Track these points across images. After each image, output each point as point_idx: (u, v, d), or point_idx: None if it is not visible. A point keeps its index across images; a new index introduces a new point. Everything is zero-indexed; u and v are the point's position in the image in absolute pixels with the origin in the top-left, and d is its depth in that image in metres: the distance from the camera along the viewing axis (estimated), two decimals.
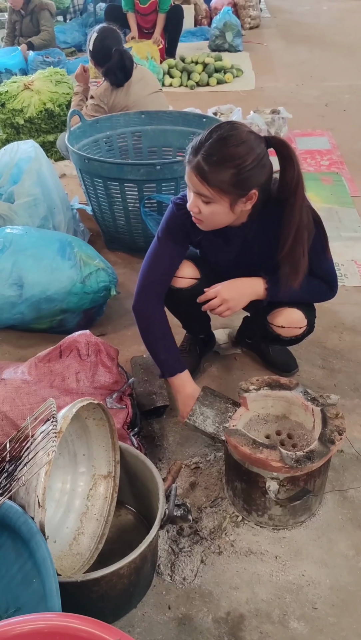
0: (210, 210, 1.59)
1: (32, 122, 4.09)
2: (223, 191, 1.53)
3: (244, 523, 1.63)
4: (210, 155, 1.50)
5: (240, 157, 1.50)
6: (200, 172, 1.52)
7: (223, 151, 1.49)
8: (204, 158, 1.50)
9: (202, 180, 1.52)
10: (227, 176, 1.51)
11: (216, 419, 1.70)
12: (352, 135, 4.51)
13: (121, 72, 3.26)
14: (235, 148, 1.50)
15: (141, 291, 1.81)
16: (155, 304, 1.82)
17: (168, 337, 1.83)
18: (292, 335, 1.86)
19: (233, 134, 1.51)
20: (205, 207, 1.59)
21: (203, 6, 8.21)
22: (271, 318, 1.85)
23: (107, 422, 1.48)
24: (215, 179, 1.51)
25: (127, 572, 1.31)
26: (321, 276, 1.80)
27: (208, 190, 1.53)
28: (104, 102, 3.32)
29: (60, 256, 2.29)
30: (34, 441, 1.27)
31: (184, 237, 1.80)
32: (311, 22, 9.00)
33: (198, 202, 1.59)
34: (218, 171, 1.50)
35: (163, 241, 1.80)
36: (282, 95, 5.54)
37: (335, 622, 1.40)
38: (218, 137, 1.51)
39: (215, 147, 1.50)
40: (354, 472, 1.76)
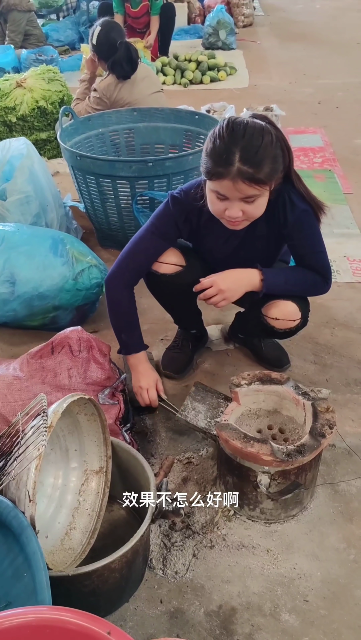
0: (256, 205, 1.60)
1: (24, 120, 4.08)
2: (268, 182, 1.55)
3: (236, 517, 1.63)
4: (248, 158, 1.49)
5: (270, 144, 1.53)
6: (246, 176, 1.50)
7: (259, 147, 1.50)
8: (245, 162, 1.49)
9: (250, 183, 1.52)
10: (269, 167, 1.52)
11: (208, 414, 1.70)
12: (345, 132, 4.52)
13: (128, 64, 3.28)
14: (264, 139, 1.51)
15: (116, 273, 1.87)
16: (126, 288, 1.87)
17: (132, 320, 1.90)
18: (286, 327, 1.86)
19: (252, 127, 1.52)
20: (250, 206, 1.59)
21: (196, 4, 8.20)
22: (266, 310, 1.85)
23: (99, 418, 1.48)
24: (262, 175, 1.52)
25: (119, 566, 1.31)
26: (316, 269, 1.81)
27: (257, 188, 1.54)
28: (107, 96, 3.32)
29: (52, 253, 2.29)
30: (25, 436, 1.27)
31: (172, 233, 1.82)
32: (305, 20, 9.01)
33: (242, 206, 1.59)
34: (262, 167, 1.51)
35: (150, 234, 1.82)
36: (275, 93, 5.55)
37: (326, 614, 1.40)
38: (244, 137, 1.50)
39: (250, 148, 1.49)
40: (345, 466, 1.77)
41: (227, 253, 1.84)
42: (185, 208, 1.78)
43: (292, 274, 1.84)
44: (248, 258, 1.81)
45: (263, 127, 1.54)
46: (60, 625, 0.94)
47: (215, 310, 2.42)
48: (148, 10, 6.03)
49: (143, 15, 6.10)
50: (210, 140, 1.57)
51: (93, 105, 3.36)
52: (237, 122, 1.54)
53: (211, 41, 7.17)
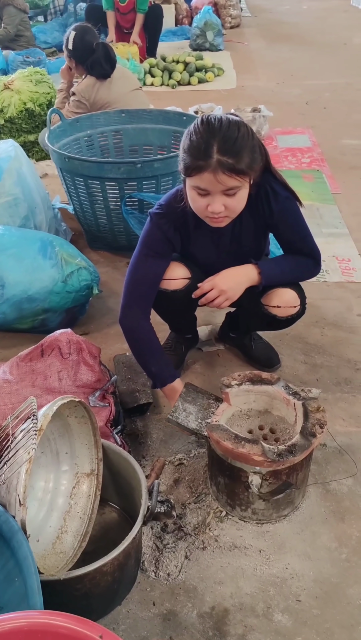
0: (237, 199, 1.60)
1: (12, 122, 4.07)
2: (248, 172, 1.55)
3: (228, 518, 1.63)
4: (227, 148, 1.49)
5: (247, 134, 1.53)
6: (226, 167, 1.50)
7: (236, 137, 1.50)
8: (223, 153, 1.49)
9: (231, 174, 1.51)
10: (248, 157, 1.53)
11: (199, 415, 1.70)
12: (332, 132, 4.54)
13: (107, 63, 3.31)
14: (240, 130, 1.52)
15: (126, 307, 1.81)
16: (141, 320, 1.82)
17: (156, 350, 1.84)
18: (288, 314, 1.86)
19: (226, 120, 1.53)
20: (231, 199, 1.59)
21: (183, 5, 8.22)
22: (266, 300, 1.86)
23: (89, 420, 1.48)
24: (242, 165, 1.52)
25: (111, 569, 1.31)
26: (306, 252, 1.83)
27: (238, 179, 1.54)
28: (86, 97, 3.32)
29: (41, 255, 2.27)
30: (15, 440, 1.26)
31: (165, 248, 1.80)
32: (292, 21, 9.06)
33: (223, 199, 1.58)
34: (242, 156, 1.51)
35: (144, 257, 1.79)
36: (263, 94, 5.56)
37: (319, 614, 1.40)
38: (219, 130, 1.51)
39: (227, 139, 1.50)
40: (336, 465, 1.78)
41: (220, 253, 1.84)
42: (170, 219, 1.77)
43: (286, 262, 1.85)
44: (240, 255, 1.82)
45: (238, 120, 1.55)
46: (52, 630, 0.93)
47: (205, 311, 2.42)
48: (134, 7, 6.04)
49: (130, 11, 6.10)
50: (186, 137, 1.57)
51: (73, 109, 3.36)
52: (212, 116, 1.55)
53: (198, 42, 7.19)
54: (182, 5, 8.20)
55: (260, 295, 1.86)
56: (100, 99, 3.32)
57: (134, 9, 6.07)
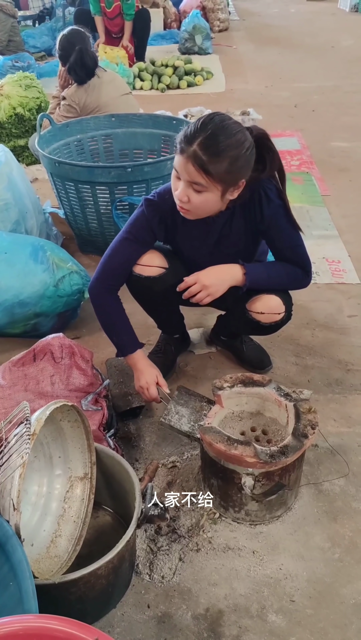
0: (202, 199, 1.60)
1: (2, 127, 4.07)
2: (218, 180, 1.56)
3: (221, 520, 1.64)
4: (208, 145, 1.51)
5: (237, 147, 1.54)
6: (197, 161, 1.52)
7: (222, 140, 1.52)
8: (203, 148, 1.51)
9: (199, 169, 1.53)
10: (224, 166, 1.53)
11: (191, 418, 1.71)
12: (322, 135, 4.57)
13: (81, 70, 3.30)
14: (232, 138, 1.53)
15: (96, 280, 1.87)
16: (109, 294, 1.88)
17: (121, 322, 1.89)
18: (272, 321, 1.87)
19: (228, 124, 1.54)
20: (196, 196, 1.60)
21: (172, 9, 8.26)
22: (250, 305, 1.86)
23: (82, 424, 1.48)
24: (212, 168, 1.53)
25: (105, 573, 1.31)
26: (296, 262, 1.83)
27: (205, 179, 1.55)
28: (75, 102, 3.33)
29: (32, 260, 2.28)
30: (8, 444, 1.26)
31: (147, 237, 1.83)
32: (280, 24, 9.11)
33: (188, 191, 1.60)
34: (217, 160, 1.52)
35: (124, 240, 1.84)
36: (252, 97, 5.59)
37: (313, 613, 1.41)
38: (214, 128, 1.52)
39: (213, 138, 1.51)
40: (328, 466, 1.79)
41: (206, 251, 1.85)
42: (158, 209, 1.79)
43: (273, 268, 1.86)
44: (226, 255, 1.83)
45: (241, 131, 1.56)
46: (47, 634, 0.94)
47: (196, 314, 2.43)
48: (121, 12, 6.06)
49: (117, 16, 6.12)
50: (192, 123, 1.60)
51: (64, 114, 3.37)
52: (220, 115, 1.57)
53: (187, 46, 7.22)
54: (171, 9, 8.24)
55: (245, 301, 1.87)
56: (90, 103, 3.33)
57: (121, 14, 6.09)
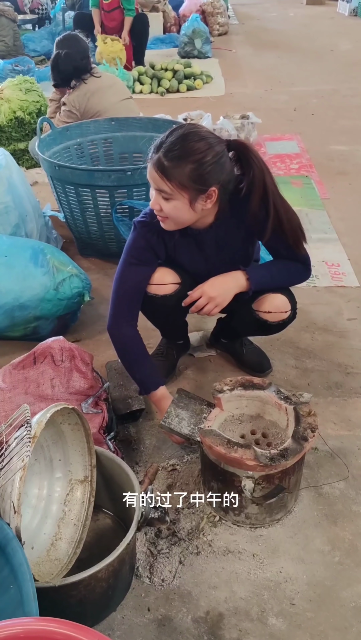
0: (171, 207, 1.62)
1: (2, 131, 4.08)
2: (182, 186, 1.57)
3: (221, 523, 1.64)
4: (170, 150, 1.54)
5: (200, 152, 1.55)
6: (160, 167, 1.56)
7: (183, 146, 1.54)
8: (165, 154, 1.55)
9: (161, 176, 1.56)
10: (186, 171, 1.55)
11: (191, 421, 1.71)
12: (320, 138, 4.59)
13: (54, 72, 3.36)
14: (195, 143, 1.55)
15: (114, 316, 1.84)
16: (128, 329, 1.84)
17: (143, 358, 1.86)
18: (279, 319, 1.88)
19: (193, 132, 1.57)
20: (165, 203, 1.62)
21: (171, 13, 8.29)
22: (257, 305, 1.87)
23: (82, 427, 1.48)
24: (174, 173, 1.55)
25: (105, 575, 1.31)
26: (295, 258, 1.84)
27: (168, 185, 1.57)
28: (76, 107, 3.34)
29: (32, 263, 2.28)
30: (8, 447, 1.27)
31: (150, 256, 1.83)
32: (279, 28, 9.14)
33: (159, 199, 1.63)
34: (178, 165, 1.54)
35: (129, 266, 1.82)
36: (251, 101, 5.61)
37: (313, 617, 1.41)
38: (178, 134, 1.56)
39: (175, 143, 1.55)
40: (328, 469, 1.79)
41: (207, 262, 1.86)
42: (152, 228, 1.79)
43: (275, 267, 1.86)
44: (227, 261, 1.83)
45: (210, 139, 1.57)
46: (48, 636, 0.94)
47: (195, 317, 2.42)
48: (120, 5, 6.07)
49: (114, 9, 6.13)
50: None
51: (64, 119, 3.37)
52: (191, 125, 1.61)
53: (187, 50, 7.25)
54: (170, 13, 8.27)
55: (251, 301, 1.88)
56: (91, 108, 3.34)
57: (120, 7, 6.09)
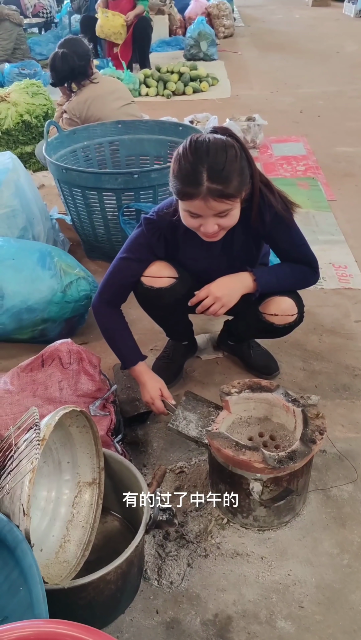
0: (230, 217, 1.62)
1: (9, 134, 4.09)
2: (238, 195, 1.57)
3: (229, 525, 1.64)
4: (216, 175, 1.50)
5: (235, 158, 1.54)
6: (217, 194, 1.52)
7: (225, 163, 1.51)
8: (213, 181, 1.50)
9: (221, 200, 1.53)
10: (237, 181, 1.54)
11: (199, 423, 1.71)
12: (327, 140, 4.58)
13: (51, 71, 3.37)
14: (227, 154, 1.52)
15: (98, 296, 1.89)
16: (109, 308, 1.90)
17: (122, 334, 1.91)
18: (285, 322, 1.88)
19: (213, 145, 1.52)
20: (225, 219, 1.61)
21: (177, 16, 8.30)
22: (263, 308, 1.87)
23: (91, 429, 1.49)
24: (231, 190, 1.53)
25: (114, 578, 1.31)
26: (302, 260, 1.84)
27: (228, 203, 1.56)
28: (77, 115, 3.35)
29: (40, 266, 2.29)
30: (17, 450, 1.27)
31: (146, 254, 1.84)
32: (284, 30, 9.14)
33: (216, 221, 1.60)
34: (231, 182, 1.52)
35: (124, 259, 1.85)
36: (257, 103, 5.61)
37: (322, 620, 1.41)
38: (206, 157, 1.51)
39: (216, 166, 1.50)
40: (336, 471, 1.79)
41: (211, 261, 1.86)
42: (158, 226, 1.80)
43: (282, 270, 1.86)
44: (232, 263, 1.83)
45: (226, 141, 1.55)
46: (58, 638, 0.94)
47: (203, 319, 2.43)
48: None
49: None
50: (175, 161, 1.57)
51: (66, 127, 3.38)
52: (200, 140, 1.55)
53: (192, 52, 7.25)
54: (176, 16, 8.28)
55: (257, 304, 1.88)
56: (92, 116, 3.33)
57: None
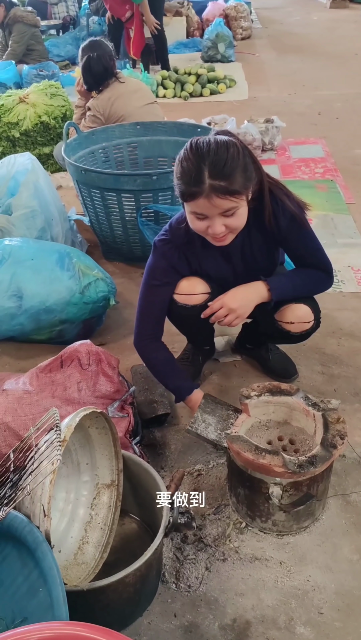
0: (237, 217, 1.60)
1: (27, 135, 4.12)
2: (243, 192, 1.55)
3: (248, 529, 1.63)
4: (218, 172, 1.49)
5: (238, 156, 1.53)
6: (220, 190, 1.50)
7: (226, 160, 1.50)
8: (215, 176, 1.49)
9: (225, 196, 1.52)
10: (241, 177, 1.53)
11: (218, 426, 1.70)
12: (345, 142, 4.55)
13: (88, 76, 3.38)
14: (229, 151, 1.51)
15: (139, 334, 1.89)
16: (154, 345, 1.89)
17: (172, 368, 1.90)
18: (302, 330, 1.86)
19: (213, 143, 1.52)
20: (231, 219, 1.59)
21: (195, 18, 8.30)
22: (279, 316, 1.86)
23: (110, 431, 1.48)
24: (236, 186, 1.52)
25: (133, 581, 1.31)
26: (317, 266, 1.83)
27: (233, 200, 1.54)
28: (100, 112, 3.36)
29: (59, 267, 2.30)
30: (38, 450, 1.27)
31: (171, 276, 1.83)
32: (302, 32, 9.10)
33: (222, 220, 1.59)
34: (234, 178, 1.51)
35: (150, 287, 1.84)
36: (275, 105, 5.59)
37: (341, 626, 1.40)
38: (206, 155, 1.50)
39: (217, 163, 1.49)
40: (356, 477, 1.77)
41: (233, 270, 1.85)
42: (174, 244, 1.79)
43: (296, 277, 1.85)
44: (253, 269, 1.82)
45: (227, 141, 1.54)
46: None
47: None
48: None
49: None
50: (178, 163, 1.57)
51: (89, 124, 3.40)
52: (200, 140, 1.54)
53: (210, 54, 7.25)
54: (193, 18, 8.28)
55: (273, 311, 1.86)
56: (115, 113, 3.36)
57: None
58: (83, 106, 3.65)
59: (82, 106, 3.67)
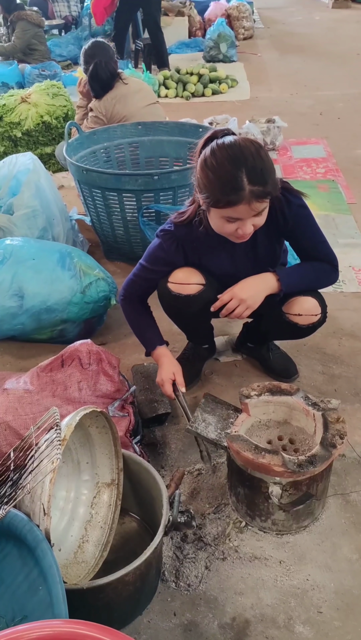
0: (263, 215, 1.63)
1: (29, 135, 4.13)
2: (275, 192, 1.59)
3: (248, 529, 1.63)
4: (257, 177, 1.51)
5: (267, 157, 1.55)
6: (260, 195, 1.53)
7: (263, 164, 1.53)
8: (254, 182, 1.51)
9: (263, 200, 1.55)
10: (272, 178, 1.55)
11: (218, 425, 1.71)
12: (347, 143, 4.55)
13: (96, 83, 3.35)
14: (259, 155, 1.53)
15: (125, 292, 1.96)
16: (137, 304, 1.98)
17: (146, 321, 1.98)
18: (309, 322, 1.87)
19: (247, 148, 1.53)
20: (260, 218, 1.62)
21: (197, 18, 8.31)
22: (287, 308, 1.87)
23: (110, 430, 1.49)
24: (270, 188, 1.55)
25: (132, 579, 1.31)
26: (322, 258, 1.84)
27: (267, 201, 1.58)
28: (103, 113, 3.37)
29: (60, 267, 2.30)
30: (38, 449, 1.27)
31: (165, 267, 1.87)
32: (304, 32, 9.10)
33: (252, 221, 1.61)
34: (269, 180, 1.54)
35: (144, 269, 1.91)
36: (277, 105, 5.59)
37: (340, 625, 1.40)
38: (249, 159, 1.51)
39: (255, 169, 1.51)
40: (356, 476, 1.77)
41: (236, 264, 1.85)
42: (175, 237, 1.82)
43: (304, 268, 1.86)
44: (256, 264, 1.83)
45: (253, 142, 1.56)
46: (77, 639, 0.94)
47: (221, 322, 2.42)
48: None
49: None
50: (208, 171, 1.55)
51: (91, 125, 3.40)
52: (229, 145, 1.54)
53: (212, 54, 7.25)
54: (195, 18, 8.29)
55: (281, 304, 1.87)
56: (117, 113, 3.36)
57: None
58: (85, 106, 3.65)
59: (83, 106, 3.68)
